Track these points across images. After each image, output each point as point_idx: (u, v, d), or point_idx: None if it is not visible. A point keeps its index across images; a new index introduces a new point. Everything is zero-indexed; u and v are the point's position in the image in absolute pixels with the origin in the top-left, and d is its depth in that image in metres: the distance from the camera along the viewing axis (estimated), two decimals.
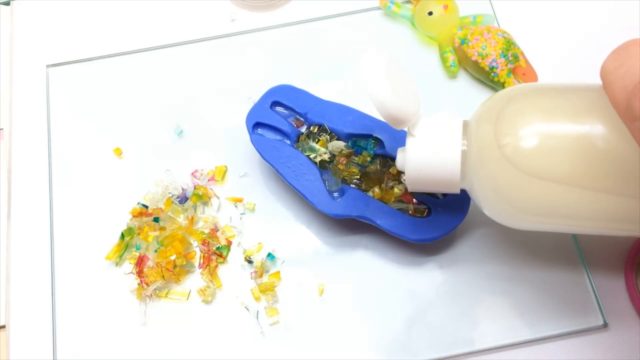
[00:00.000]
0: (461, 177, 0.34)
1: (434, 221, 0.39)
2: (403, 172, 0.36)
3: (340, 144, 0.41)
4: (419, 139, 0.34)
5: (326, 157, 0.41)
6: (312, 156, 0.41)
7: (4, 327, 0.41)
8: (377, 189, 0.40)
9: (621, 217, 0.30)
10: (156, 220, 0.42)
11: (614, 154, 0.29)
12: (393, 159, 0.41)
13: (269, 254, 0.41)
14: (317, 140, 0.42)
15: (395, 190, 0.40)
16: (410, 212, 0.40)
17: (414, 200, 0.40)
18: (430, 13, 0.46)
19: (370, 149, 0.41)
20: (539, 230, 0.34)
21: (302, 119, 0.42)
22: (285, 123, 0.42)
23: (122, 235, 0.42)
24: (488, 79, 0.45)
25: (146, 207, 0.43)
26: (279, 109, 0.43)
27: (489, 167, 0.32)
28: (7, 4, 0.51)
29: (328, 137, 0.42)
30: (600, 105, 0.30)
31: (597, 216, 0.31)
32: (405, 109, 0.33)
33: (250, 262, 0.41)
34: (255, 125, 0.42)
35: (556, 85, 0.33)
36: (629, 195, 0.30)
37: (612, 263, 0.41)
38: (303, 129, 0.42)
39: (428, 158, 0.34)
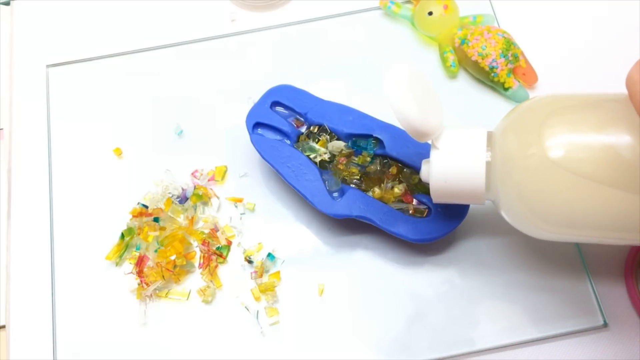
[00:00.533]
0: (486, 188, 0.34)
1: (434, 221, 0.39)
2: (427, 183, 0.36)
3: (340, 144, 0.41)
4: (443, 152, 0.34)
5: (326, 157, 0.41)
6: (312, 156, 0.41)
7: (4, 327, 0.41)
8: (377, 189, 0.40)
9: None
10: (156, 220, 0.42)
11: (635, 169, 0.29)
12: (393, 159, 0.41)
13: (269, 254, 0.41)
14: (317, 140, 0.42)
15: (395, 190, 0.40)
16: (410, 212, 0.40)
17: (414, 200, 0.40)
18: (430, 13, 0.46)
19: (370, 149, 0.41)
20: (561, 241, 0.34)
21: (302, 119, 0.42)
22: (285, 123, 0.42)
23: (122, 235, 0.42)
24: (488, 79, 0.45)
25: (146, 207, 0.43)
26: (279, 109, 0.43)
27: (514, 177, 0.32)
28: (7, 4, 0.51)
29: (328, 137, 0.42)
30: (626, 114, 0.30)
31: (617, 224, 0.31)
32: (429, 123, 0.33)
33: (250, 262, 0.41)
34: (255, 125, 0.42)
35: (581, 96, 0.33)
36: None
37: (612, 263, 0.41)
38: (303, 129, 0.42)
39: (453, 170, 0.34)
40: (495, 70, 0.44)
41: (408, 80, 0.33)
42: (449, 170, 0.34)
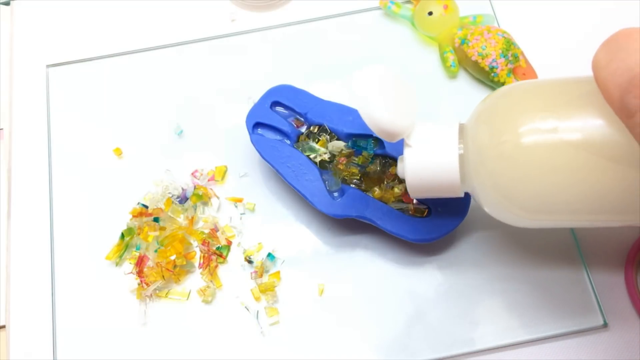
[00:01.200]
0: (461, 181, 0.34)
1: (433, 221, 0.39)
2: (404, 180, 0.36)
3: (340, 144, 0.41)
4: (416, 149, 0.34)
5: (326, 157, 0.41)
6: (312, 156, 0.41)
7: (4, 327, 0.41)
8: (377, 189, 0.40)
9: (619, 208, 0.30)
10: (156, 220, 0.42)
11: (612, 147, 0.29)
12: (393, 158, 0.41)
13: (269, 254, 0.41)
14: (317, 140, 0.42)
15: (395, 190, 0.40)
16: (410, 212, 0.40)
17: (414, 200, 0.40)
18: (430, 13, 0.46)
19: (370, 149, 0.41)
20: (539, 228, 0.34)
21: (302, 119, 0.42)
22: (285, 123, 0.42)
23: (122, 235, 0.42)
24: (488, 79, 0.45)
25: (146, 207, 0.43)
26: (279, 109, 0.43)
27: (488, 167, 0.32)
28: (7, 4, 0.51)
29: (328, 137, 0.42)
30: (596, 97, 0.30)
31: (593, 207, 0.31)
32: (398, 124, 0.33)
33: (250, 262, 0.41)
34: (255, 125, 0.42)
35: (551, 81, 0.33)
36: (629, 185, 0.30)
37: (612, 262, 0.41)
38: (303, 129, 0.42)
39: (426, 166, 0.34)
40: (495, 70, 0.44)
41: (378, 82, 0.32)
42: (423, 166, 0.34)
